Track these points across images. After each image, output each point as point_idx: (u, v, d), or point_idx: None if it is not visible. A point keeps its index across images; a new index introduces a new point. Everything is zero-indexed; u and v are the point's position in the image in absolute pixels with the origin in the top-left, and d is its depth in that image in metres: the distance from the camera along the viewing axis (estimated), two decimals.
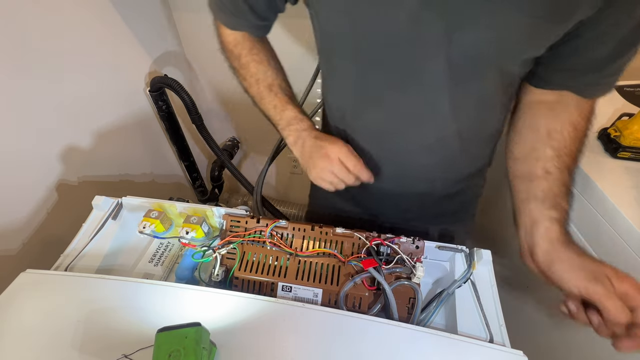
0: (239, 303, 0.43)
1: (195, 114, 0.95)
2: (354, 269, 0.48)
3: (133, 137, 0.95)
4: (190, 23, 0.99)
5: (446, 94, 0.45)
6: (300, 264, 0.49)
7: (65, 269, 0.49)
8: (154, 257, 0.55)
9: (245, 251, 0.50)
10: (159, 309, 0.42)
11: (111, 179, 0.89)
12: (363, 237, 0.49)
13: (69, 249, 0.51)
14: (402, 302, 0.46)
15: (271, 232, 0.50)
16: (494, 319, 0.45)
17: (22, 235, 0.67)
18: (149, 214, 0.52)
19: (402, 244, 0.48)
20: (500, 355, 0.40)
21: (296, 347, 0.39)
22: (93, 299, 0.43)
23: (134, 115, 0.93)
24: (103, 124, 0.84)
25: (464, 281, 0.48)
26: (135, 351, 0.38)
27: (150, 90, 0.92)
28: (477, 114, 0.48)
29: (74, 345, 0.39)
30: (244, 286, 0.49)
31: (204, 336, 0.36)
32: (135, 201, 0.56)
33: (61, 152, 0.73)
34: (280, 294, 0.48)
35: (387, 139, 0.53)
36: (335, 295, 0.47)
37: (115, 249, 0.54)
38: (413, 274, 0.46)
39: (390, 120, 0.50)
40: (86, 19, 0.74)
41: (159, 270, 0.54)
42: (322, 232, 0.50)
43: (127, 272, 0.53)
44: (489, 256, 0.49)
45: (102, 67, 0.80)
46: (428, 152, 0.53)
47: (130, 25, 0.85)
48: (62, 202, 0.74)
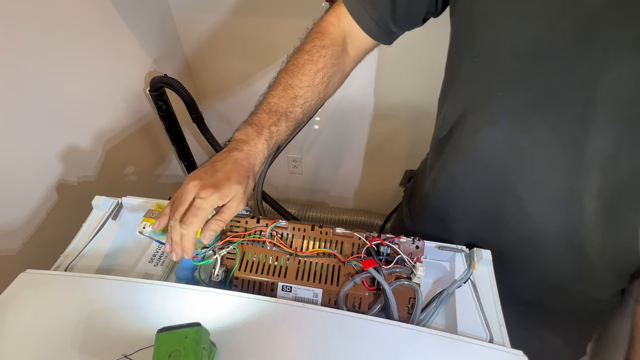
0: (239, 303, 0.43)
1: (196, 113, 0.96)
2: (354, 269, 0.48)
3: (133, 137, 0.95)
4: (190, 23, 0.99)
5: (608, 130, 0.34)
6: (300, 264, 0.49)
7: (65, 269, 0.49)
8: (154, 257, 0.55)
9: (245, 251, 0.50)
10: (159, 309, 0.42)
11: (111, 179, 0.89)
12: (363, 237, 0.49)
13: (69, 249, 0.51)
14: (402, 302, 0.46)
15: (271, 232, 0.50)
16: (494, 319, 0.45)
17: (22, 235, 0.67)
18: (149, 214, 0.52)
19: (402, 244, 0.48)
20: (500, 355, 0.40)
21: (296, 347, 0.39)
22: (93, 299, 0.43)
23: (134, 115, 0.93)
24: (103, 123, 0.83)
25: (464, 281, 0.48)
26: (135, 351, 0.38)
27: (150, 90, 0.92)
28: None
29: (74, 345, 0.39)
30: (244, 286, 0.49)
31: (204, 336, 0.36)
32: (135, 201, 0.56)
33: (61, 152, 0.73)
34: (280, 294, 0.48)
35: (498, 173, 0.44)
36: (335, 295, 0.47)
37: (115, 249, 0.54)
38: (413, 274, 0.46)
39: (515, 145, 0.41)
40: (86, 19, 0.74)
41: (159, 270, 0.54)
42: (322, 232, 0.50)
43: (127, 272, 0.53)
44: (489, 256, 0.49)
45: (101, 67, 0.80)
46: (553, 206, 0.42)
47: (130, 25, 0.85)
48: (62, 202, 0.74)
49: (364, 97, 1.09)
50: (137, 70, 0.92)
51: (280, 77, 0.49)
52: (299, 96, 0.49)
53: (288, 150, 1.30)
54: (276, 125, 0.48)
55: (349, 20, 0.49)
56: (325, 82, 0.50)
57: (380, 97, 1.09)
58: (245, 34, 0.98)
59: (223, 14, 0.95)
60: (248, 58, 1.04)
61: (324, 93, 0.51)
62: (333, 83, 0.52)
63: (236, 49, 1.02)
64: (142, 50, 0.91)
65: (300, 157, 1.34)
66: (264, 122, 0.48)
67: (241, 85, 1.14)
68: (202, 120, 0.99)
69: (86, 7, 0.73)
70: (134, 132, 0.95)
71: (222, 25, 0.97)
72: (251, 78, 1.11)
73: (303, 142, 1.26)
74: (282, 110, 0.48)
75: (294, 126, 0.50)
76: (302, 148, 1.30)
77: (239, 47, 1.02)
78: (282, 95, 0.49)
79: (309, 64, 0.48)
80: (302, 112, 0.50)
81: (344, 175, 1.39)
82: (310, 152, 1.32)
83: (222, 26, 0.97)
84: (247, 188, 0.44)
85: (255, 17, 0.93)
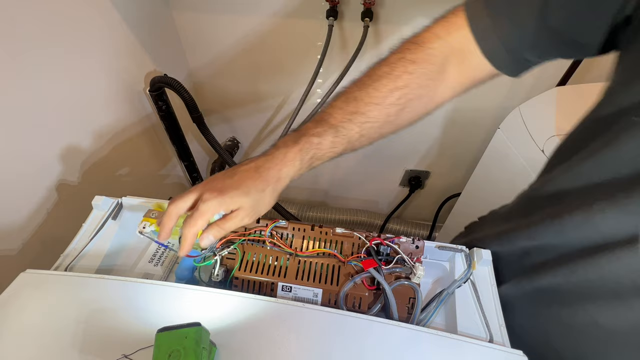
0: (239, 303, 0.43)
1: (196, 113, 0.96)
2: (354, 269, 0.48)
3: (133, 137, 0.95)
4: (190, 23, 0.99)
5: None
6: (300, 264, 0.49)
7: (65, 269, 0.49)
8: (154, 257, 0.55)
9: (246, 251, 0.50)
10: (159, 309, 0.42)
11: (111, 179, 0.89)
12: (363, 237, 0.49)
13: (69, 249, 0.51)
14: (402, 302, 0.46)
15: (271, 232, 0.50)
16: (494, 319, 0.45)
17: (22, 235, 0.67)
18: (149, 214, 0.52)
19: (402, 244, 0.48)
20: (500, 355, 0.40)
21: (296, 347, 0.39)
22: (93, 299, 0.43)
23: (134, 115, 0.93)
24: (103, 123, 0.83)
25: (464, 281, 0.48)
26: (135, 351, 0.38)
27: (150, 90, 0.92)
28: None
29: (74, 345, 0.39)
30: (243, 286, 0.49)
31: (204, 336, 0.36)
32: (135, 201, 0.56)
33: (61, 152, 0.73)
34: (280, 294, 0.48)
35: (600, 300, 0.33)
36: (335, 295, 0.47)
37: (115, 249, 0.54)
38: (413, 274, 0.47)
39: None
40: (86, 19, 0.74)
41: (159, 270, 0.54)
42: (322, 232, 0.50)
43: (127, 272, 0.53)
44: (489, 256, 0.49)
45: (102, 67, 0.80)
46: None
47: (130, 25, 0.85)
48: (62, 202, 0.74)
49: None
50: (137, 70, 0.92)
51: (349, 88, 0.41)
52: (361, 112, 0.40)
53: None
54: (320, 136, 0.40)
55: (462, 36, 0.38)
56: (401, 105, 0.40)
57: None
58: (246, 34, 0.98)
59: (223, 13, 0.95)
60: (248, 58, 1.04)
61: (395, 117, 0.41)
62: (412, 109, 0.41)
63: (236, 49, 1.02)
64: (142, 50, 0.91)
65: None
66: (307, 130, 0.41)
67: (241, 86, 1.14)
68: (202, 120, 0.99)
69: (86, 7, 0.73)
70: (134, 132, 0.95)
71: (222, 25, 0.97)
72: (251, 78, 1.11)
73: None
74: (333, 122, 0.40)
75: (343, 146, 0.41)
76: None
77: (239, 47, 1.02)
78: (341, 106, 0.41)
79: (386, 79, 0.39)
80: (360, 132, 0.41)
81: (344, 175, 1.39)
82: None
83: (222, 26, 0.97)
84: (259, 202, 0.39)
85: (256, 17, 0.93)
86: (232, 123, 1.28)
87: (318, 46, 0.95)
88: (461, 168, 1.22)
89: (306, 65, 1.01)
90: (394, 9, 0.85)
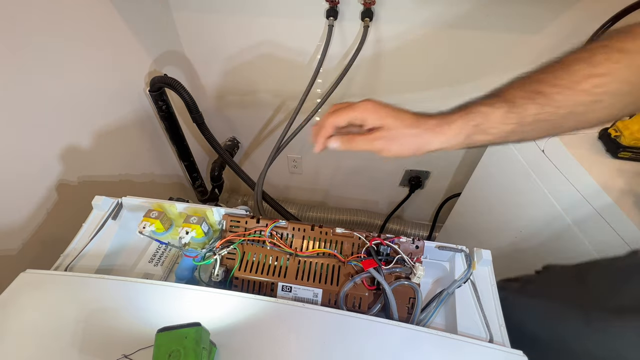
0: (239, 303, 0.43)
1: (196, 113, 0.96)
2: (353, 269, 0.48)
3: (133, 137, 0.95)
4: (190, 23, 0.99)
5: None
6: (300, 264, 0.49)
7: (65, 269, 0.49)
8: (153, 257, 0.55)
9: (245, 251, 0.50)
10: (159, 309, 0.42)
11: (111, 179, 0.89)
12: (363, 237, 0.49)
13: (69, 249, 0.51)
14: (402, 302, 0.46)
15: (271, 232, 0.50)
16: (494, 319, 0.45)
17: (22, 235, 0.67)
18: (149, 214, 0.52)
19: (402, 244, 0.48)
20: (500, 355, 0.40)
21: (296, 347, 0.39)
22: (93, 299, 0.43)
23: (134, 115, 0.93)
24: (103, 123, 0.83)
25: (464, 281, 0.48)
26: (135, 351, 0.38)
27: (150, 90, 0.92)
28: None
29: (74, 345, 0.39)
30: (243, 286, 0.49)
31: (204, 336, 0.36)
32: (135, 201, 0.56)
33: (61, 152, 0.73)
34: (280, 294, 0.48)
35: None
36: (335, 295, 0.47)
37: (115, 249, 0.54)
38: (413, 274, 0.47)
39: None
40: (86, 19, 0.74)
41: (158, 270, 0.54)
42: (322, 232, 0.50)
43: (127, 272, 0.53)
44: (489, 256, 0.49)
45: (102, 67, 0.80)
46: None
47: (130, 25, 0.85)
48: (62, 202, 0.74)
49: (363, 96, 1.09)
50: (137, 70, 0.92)
51: (527, 73, 0.36)
52: (545, 93, 0.33)
53: (288, 150, 1.30)
54: (490, 106, 0.34)
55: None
56: (597, 96, 0.32)
57: (380, 97, 1.09)
58: (246, 34, 0.98)
59: (223, 14, 0.95)
60: (248, 58, 1.04)
61: (585, 110, 0.33)
62: (612, 106, 0.33)
63: (236, 48, 1.02)
64: (142, 50, 0.91)
65: (300, 157, 1.34)
66: (475, 102, 0.36)
67: (241, 86, 1.14)
68: (202, 120, 0.99)
69: (86, 7, 0.73)
70: (134, 132, 0.95)
71: (222, 25, 0.97)
72: (252, 78, 1.11)
73: (303, 142, 1.26)
74: (508, 97, 0.34)
75: (513, 125, 0.34)
76: (302, 148, 1.30)
77: (239, 47, 1.02)
78: (519, 86, 0.35)
79: (584, 62, 0.32)
80: (536, 116, 0.34)
81: (344, 175, 1.39)
82: (310, 152, 1.32)
83: (222, 26, 0.97)
84: (403, 136, 0.37)
85: (256, 17, 0.93)
86: (232, 123, 1.28)
87: (318, 46, 0.95)
88: (461, 168, 1.22)
89: (306, 65, 1.01)
90: (394, 9, 0.85)
